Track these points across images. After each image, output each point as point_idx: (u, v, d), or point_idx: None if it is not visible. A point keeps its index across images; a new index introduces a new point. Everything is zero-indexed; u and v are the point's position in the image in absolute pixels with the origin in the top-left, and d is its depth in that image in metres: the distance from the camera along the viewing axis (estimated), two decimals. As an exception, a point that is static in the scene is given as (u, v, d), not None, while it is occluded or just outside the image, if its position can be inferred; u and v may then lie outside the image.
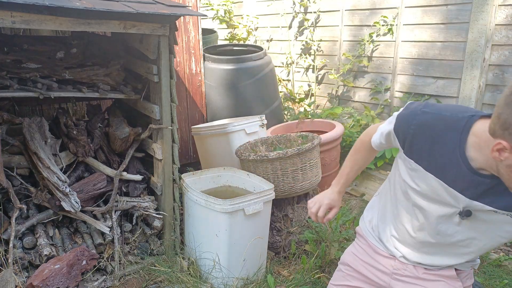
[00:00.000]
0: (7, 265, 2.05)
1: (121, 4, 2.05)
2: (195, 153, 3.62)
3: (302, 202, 2.79)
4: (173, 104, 2.42)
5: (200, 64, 3.60)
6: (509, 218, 1.10)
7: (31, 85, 2.27)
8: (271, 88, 3.84)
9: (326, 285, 2.34)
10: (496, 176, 1.06)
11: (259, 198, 2.29)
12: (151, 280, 2.32)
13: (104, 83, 2.49)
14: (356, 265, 1.48)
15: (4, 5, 1.73)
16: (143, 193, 2.61)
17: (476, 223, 1.17)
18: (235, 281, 2.31)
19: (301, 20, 4.84)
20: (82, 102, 3.12)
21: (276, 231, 2.70)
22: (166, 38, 2.27)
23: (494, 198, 1.09)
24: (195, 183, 2.56)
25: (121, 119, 2.63)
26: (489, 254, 2.65)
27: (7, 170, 2.27)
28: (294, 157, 2.49)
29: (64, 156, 2.47)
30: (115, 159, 2.64)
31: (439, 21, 3.66)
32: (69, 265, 2.10)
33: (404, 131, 1.19)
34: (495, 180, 1.06)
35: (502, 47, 3.33)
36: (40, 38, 2.58)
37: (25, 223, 2.24)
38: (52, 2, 1.80)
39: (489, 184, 1.08)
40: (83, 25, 1.98)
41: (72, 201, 2.22)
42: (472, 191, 1.11)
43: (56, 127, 2.59)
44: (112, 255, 2.34)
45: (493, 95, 3.44)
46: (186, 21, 3.41)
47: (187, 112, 3.61)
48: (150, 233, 2.52)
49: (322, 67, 4.77)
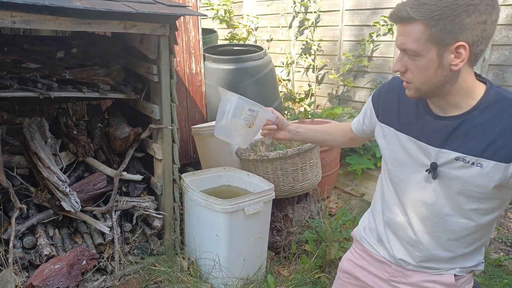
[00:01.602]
0: (7, 265, 2.05)
1: (121, 4, 2.05)
2: (195, 153, 3.62)
3: (302, 202, 2.79)
4: (173, 104, 2.42)
5: (200, 64, 3.60)
6: (479, 169, 1.04)
7: (31, 85, 2.27)
8: (271, 88, 3.84)
9: (326, 285, 2.34)
10: (455, 117, 1.06)
11: (259, 198, 2.29)
12: (151, 280, 2.32)
13: (104, 83, 2.49)
14: (354, 272, 1.45)
15: (4, 5, 1.73)
16: (143, 193, 2.62)
17: (449, 183, 1.12)
18: (235, 281, 2.31)
19: (302, 20, 4.84)
20: (82, 102, 3.12)
21: (276, 231, 2.70)
22: (166, 38, 2.27)
23: (460, 142, 1.06)
24: (195, 183, 2.55)
25: (121, 119, 2.63)
26: (489, 254, 2.65)
27: (7, 170, 2.27)
28: (294, 157, 2.49)
29: (64, 156, 2.47)
30: (115, 159, 2.64)
31: (439, 21, 3.65)
32: (69, 265, 2.10)
33: (378, 98, 1.26)
34: (455, 120, 1.06)
35: (502, 47, 3.33)
36: (40, 38, 2.58)
37: (25, 223, 2.24)
38: (52, 2, 1.80)
39: (451, 126, 1.07)
40: (83, 25, 1.98)
41: (72, 201, 2.22)
42: (437, 137, 1.10)
43: (56, 127, 2.59)
44: (112, 255, 2.34)
45: (493, 95, 3.44)
46: (186, 21, 3.41)
47: (187, 112, 3.61)
48: (150, 233, 2.52)
49: (322, 67, 4.77)
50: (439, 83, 1.02)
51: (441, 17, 0.93)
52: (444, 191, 1.13)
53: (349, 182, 3.76)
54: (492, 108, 1.03)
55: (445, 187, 1.12)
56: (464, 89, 1.04)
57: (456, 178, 1.09)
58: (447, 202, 1.14)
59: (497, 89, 1.06)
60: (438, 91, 1.05)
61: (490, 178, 1.04)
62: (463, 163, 1.06)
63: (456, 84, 1.03)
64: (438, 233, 1.19)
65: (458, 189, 1.10)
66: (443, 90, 1.04)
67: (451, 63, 0.98)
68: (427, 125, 1.12)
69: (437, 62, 0.99)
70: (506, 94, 1.05)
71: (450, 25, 0.93)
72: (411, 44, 0.99)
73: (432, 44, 0.97)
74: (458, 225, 1.16)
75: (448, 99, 1.06)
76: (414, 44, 0.99)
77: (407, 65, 1.04)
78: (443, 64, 0.99)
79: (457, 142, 1.07)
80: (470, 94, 1.05)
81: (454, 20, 0.93)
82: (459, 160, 1.07)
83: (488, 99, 1.04)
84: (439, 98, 1.07)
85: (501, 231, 2.96)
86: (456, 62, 0.98)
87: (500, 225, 3.05)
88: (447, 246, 1.20)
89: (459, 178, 1.09)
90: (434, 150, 1.11)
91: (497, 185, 1.05)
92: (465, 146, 1.06)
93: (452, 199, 1.13)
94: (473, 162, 1.05)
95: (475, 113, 1.04)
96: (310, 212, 2.81)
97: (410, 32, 0.98)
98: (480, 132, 1.04)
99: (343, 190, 3.68)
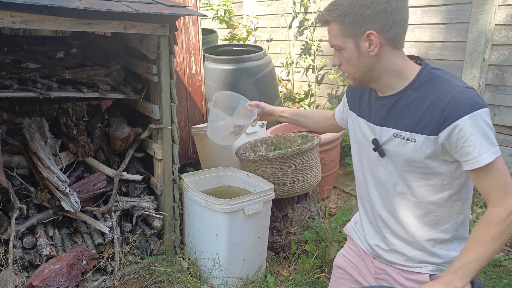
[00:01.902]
0: (7, 265, 2.05)
1: (121, 4, 2.05)
2: (195, 153, 3.62)
3: (302, 202, 2.79)
4: (173, 104, 2.42)
5: (200, 64, 3.60)
6: (413, 144, 1.13)
7: (31, 85, 2.27)
8: (271, 88, 3.84)
9: (326, 285, 2.34)
10: (391, 96, 1.18)
11: (259, 198, 2.29)
12: (151, 280, 2.32)
13: (104, 83, 2.49)
14: (347, 267, 1.47)
15: (4, 5, 1.73)
16: (143, 193, 2.62)
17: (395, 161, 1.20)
18: (235, 281, 2.32)
19: (301, 20, 4.84)
20: (82, 102, 3.12)
21: (276, 231, 2.70)
22: (166, 38, 2.27)
23: (397, 120, 1.17)
24: (195, 183, 2.56)
25: (121, 119, 2.63)
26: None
27: (7, 170, 2.27)
28: (294, 157, 2.49)
29: (64, 156, 2.47)
30: (115, 159, 2.64)
31: (439, 21, 3.66)
32: (69, 265, 2.10)
33: (349, 89, 1.43)
34: (392, 99, 1.18)
35: (502, 47, 3.33)
36: (40, 38, 2.58)
37: (25, 223, 2.24)
38: (52, 2, 1.80)
39: (388, 105, 1.19)
40: (83, 25, 1.98)
41: (72, 201, 2.22)
42: (380, 117, 1.22)
43: (56, 127, 2.59)
44: (112, 255, 2.34)
45: (493, 95, 3.44)
46: (186, 21, 3.42)
47: (187, 112, 3.61)
48: (150, 233, 2.52)
49: (322, 67, 4.77)
50: (365, 69, 1.16)
51: (346, 13, 1.10)
52: (393, 169, 1.22)
53: (349, 182, 3.76)
54: (424, 86, 1.13)
55: (393, 164, 1.21)
56: (393, 71, 1.16)
57: (398, 155, 1.18)
58: (398, 180, 1.22)
59: (431, 69, 1.15)
60: (369, 76, 1.18)
61: (424, 151, 1.13)
62: (400, 139, 1.17)
63: (383, 68, 1.16)
64: (398, 213, 1.25)
65: (402, 165, 1.19)
66: (373, 75, 1.18)
67: (367, 49, 1.12)
68: (373, 107, 1.25)
69: (356, 51, 1.14)
70: (438, 72, 1.14)
71: (355, 19, 1.10)
72: (334, 41, 1.16)
73: (347, 37, 1.13)
74: (412, 204, 1.22)
75: (382, 82, 1.19)
76: (335, 40, 1.16)
77: (339, 59, 1.20)
78: (362, 52, 1.13)
79: (394, 120, 1.18)
80: (401, 75, 1.16)
81: (357, 14, 1.09)
82: (397, 137, 1.17)
83: (420, 78, 1.14)
84: (374, 82, 1.20)
85: (501, 231, 2.96)
86: (371, 48, 1.12)
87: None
88: (409, 228, 1.25)
89: (400, 154, 1.18)
90: (377, 129, 1.23)
91: (430, 157, 1.13)
92: (400, 123, 1.16)
93: (401, 177, 1.21)
94: (408, 138, 1.15)
95: (409, 92, 1.15)
96: (310, 212, 2.81)
97: (331, 31, 1.16)
98: (413, 108, 1.14)
99: (343, 190, 3.68)
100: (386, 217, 1.29)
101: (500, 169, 1.06)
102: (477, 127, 1.04)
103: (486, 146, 1.04)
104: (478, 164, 1.05)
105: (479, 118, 1.04)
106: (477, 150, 1.04)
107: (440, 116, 1.07)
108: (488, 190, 1.08)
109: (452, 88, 1.08)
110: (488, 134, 1.05)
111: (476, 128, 1.04)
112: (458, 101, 1.06)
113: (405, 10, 1.11)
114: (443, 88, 1.09)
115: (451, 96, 1.07)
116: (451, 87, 1.08)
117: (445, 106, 1.07)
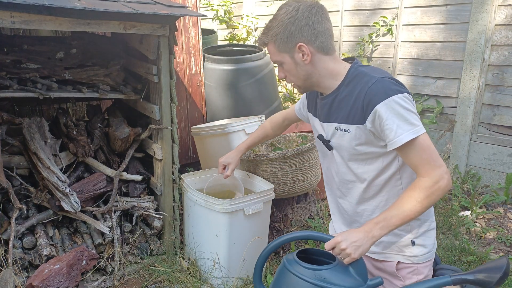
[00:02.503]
0: (7, 265, 2.05)
1: (121, 5, 2.05)
2: (195, 153, 3.62)
3: (302, 202, 2.80)
4: (173, 104, 2.42)
5: (200, 64, 3.60)
6: (349, 134, 1.28)
7: (31, 85, 2.27)
8: (270, 88, 3.84)
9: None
10: (330, 94, 1.34)
11: (258, 198, 2.29)
12: (151, 280, 2.33)
13: (104, 84, 2.50)
14: None
15: (4, 5, 1.73)
16: (143, 193, 2.62)
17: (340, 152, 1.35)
18: (235, 281, 2.32)
19: (301, 20, 4.84)
20: (82, 102, 3.12)
21: (276, 231, 2.70)
22: (166, 39, 2.28)
23: (336, 114, 1.32)
24: (195, 183, 2.56)
25: (121, 119, 2.63)
26: (489, 254, 2.65)
27: (7, 170, 2.27)
28: (294, 157, 2.49)
29: (64, 156, 2.47)
30: (115, 159, 2.64)
31: (439, 21, 3.66)
32: (69, 265, 2.10)
33: (307, 94, 1.57)
34: (330, 97, 1.34)
35: (502, 47, 3.33)
36: (39, 38, 2.58)
37: (25, 223, 2.24)
38: (52, 2, 1.80)
39: (328, 102, 1.35)
40: (83, 26, 1.98)
41: (72, 201, 2.22)
42: (325, 113, 1.37)
43: (56, 127, 2.59)
44: (112, 255, 2.34)
45: (492, 95, 3.44)
46: (186, 21, 3.42)
47: (187, 112, 3.61)
48: (150, 233, 2.52)
49: (322, 67, 4.77)
50: (305, 77, 1.33)
51: (277, 33, 1.28)
52: (340, 160, 1.37)
53: (349, 182, 3.75)
54: (353, 81, 1.28)
55: (339, 156, 1.36)
56: (327, 74, 1.32)
57: (340, 146, 1.33)
58: (346, 170, 1.36)
59: (358, 67, 1.31)
60: (309, 82, 1.34)
61: (358, 139, 1.27)
62: (340, 131, 1.32)
63: (319, 73, 1.32)
64: (352, 199, 1.39)
65: (346, 155, 1.34)
66: (313, 81, 1.34)
67: (301, 59, 1.29)
68: (319, 106, 1.41)
69: (293, 63, 1.31)
70: (363, 68, 1.30)
71: (284, 36, 1.27)
72: (274, 57, 1.34)
73: (283, 52, 1.30)
74: (362, 189, 1.35)
75: (322, 86, 1.35)
76: (274, 57, 1.33)
77: (283, 72, 1.36)
78: (298, 63, 1.30)
79: (334, 115, 1.33)
80: (335, 76, 1.32)
81: (285, 32, 1.26)
82: (338, 130, 1.32)
83: (349, 75, 1.30)
84: (316, 87, 1.36)
85: (500, 231, 2.97)
86: (304, 58, 1.28)
87: (500, 225, 3.06)
88: (363, 212, 1.39)
89: (341, 145, 1.33)
90: (324, 125, 1.39)
91: (365, 143, 1.27)
92: (339, 117, 1.31)
93: (347, 166, 1.35)
94: (345, 129, 1.30)
95: (342, 89, 1.31)
96: (309, 212, 2.81)
97: (270, 51, 1.34)
98: (345, 102, 1.29)
99: (342, 190, 3.68)
100: (344, 204, 1.44)
101: (423, 146, 1.18)
102: (393, 111, 1.17)
103: (403, 127, 1.17)
104: (396, 144, 1.18)
105: (393, 102, 1.18)
106: (393, 132, 1.18)
107: (362, 106, 1.23)
108: (416, 164, 1.20)
109: (369, 80, 1.23)
110: (405, 116, 1.18)
111: (391, 112, 1.17)
112: (373, 91, 1.21)
113: (326, 20, 1.28)
114: (364, 81, 1.24)
115: (367, 87, 1.22)
116: (369, 79, 1.23)
117: (364, 97, 1.22)
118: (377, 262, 1.39)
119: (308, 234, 1.26)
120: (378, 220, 1.18)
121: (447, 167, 3.76)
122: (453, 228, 3.01)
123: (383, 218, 1.18)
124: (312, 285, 1.06)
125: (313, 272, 1.08)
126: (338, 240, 1.15)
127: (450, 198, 3.45)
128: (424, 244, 1.34)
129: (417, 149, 1.17)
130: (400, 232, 1.33)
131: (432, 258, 1.37)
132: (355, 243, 1.14)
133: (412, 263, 1.33)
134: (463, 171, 3.68)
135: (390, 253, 1.36)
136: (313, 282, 1.06)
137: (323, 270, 1.09)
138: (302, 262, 1.12)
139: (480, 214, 3.18)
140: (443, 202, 3.34)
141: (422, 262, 1.33)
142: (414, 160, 1.19)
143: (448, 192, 3.55)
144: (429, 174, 1.16)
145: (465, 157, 3.65)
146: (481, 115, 3.54)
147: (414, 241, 1.34)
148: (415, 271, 1.33)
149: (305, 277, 1.08)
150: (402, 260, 1.34)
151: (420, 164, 1.18)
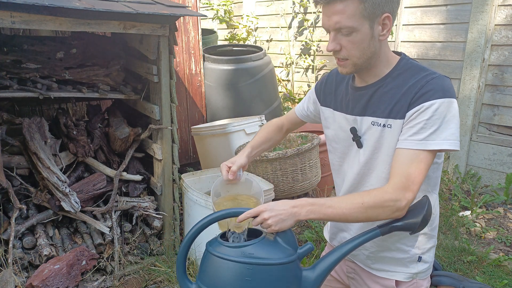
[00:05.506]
0: (7, 265, 2.05)
1: (121, 5, 2.05)
2: (195, 153, 3.62)
3: (302, 202, 2.79)
4: (173, 104, 2.42)
5: (200, 64, 3.60)
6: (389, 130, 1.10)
7: (31, 85, 2.27)
8: (270, 88, 3.84)
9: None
10: (370, 85, 1.15)
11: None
12: (151, 280, 2.33)
13: (104, 84, 2.50)
14: None
15: (4, 5, 1.73)
16: (143, 193, 2.62)
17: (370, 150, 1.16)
18: (235, 281, 2.31)
19: (301, 20, 4.85)
20: (82, 102, 3.12)
21: (275, 231, 2.70)
22: (166, 39, 2.27)
23: (375, 108, 1.13)
24: (195, 183, 2.56)
25: (121, 119, 2.63)
26: (489, 254, 2.65)
27: (7, 170, 2.27)
28: (294, 157, 2.49)
29: (64, 156, 2.47)
30: (115, 159, 2.64)
31: (439, 21, 3.66)
32: (69, 265, 2.10)
33: (320, 86, 1.37)
34: (371, 89, 1.14)
35: (502, 47, 3.33)
36: (40, 38, 2.58)
37: (25, 223, 2.24)
38: (52, 2, 1.80)
39: (367, 94, 1.15)
40: (83, 25, 1.98)
41: (72, 201, 2.22)
42: (358, 106, 1.17)
43: (56, 127, 2.59)
44: (112, 255, 2.34)
45: (492, 95, 3.44)
46: (185, 21, 3.42)
47: (187, 112, 3.61)
48: (150, 233, 2.52)
49: (322, 67, 4.78)
50: (371, 54, 1.09)
51: None
52: (368, 160, 1.17)
53: (349, 182, 3.75)
54: (403, 74, 1.11)
55: (369, 155, 1.16)
56: (385, 59, 1.13)
57: (375, 144, 1.14)
58: (370, 172, 1.18)
59: (409, 59, 1.14)
60: (368, 63, 1.11)
61: (398, 136, 1.09)
62: (377, 126, 1.12)
63: (379, 55, 1.11)
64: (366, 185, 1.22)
65: (378, 155, 1.14)
66: (371, 62, 1.11)
67: (379, 33, 1.06)
68: (351, 98, 1.20)
69: (370, 34, 1.05)
70: (416, 63, 1.13)
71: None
72: (346, 21, 1.03)
73: (365, 18, 1.03)
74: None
75: (372, 71, 1.14)
76: (350, 20, 1.03)
77: (341, 43, 1.08)
78: (374, 36, 1.06)
79: (372, 108, 1.14)
80: (388, 64, 1.13)
81: None
82: (374, 125, 1.13)
83: (399, 67, 1.12)
84: (366, 70, 1.14)
85: (500, 231, 2.97)
86: (383, 33, 1.07)
87: (500, 225, 3.06)
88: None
89: (377, 143, 1.13)
90: (357, 119, 1.18)
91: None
92: (378, 110, 1.13)
93: (374, 168, 1.17)
94: (384, 124, 1.11)
95: (388, 81, 1.12)
96: (309, 212, 2.81)
97: (345, 10, 1.02)
98: (390, 95, 1.11)
99: (342, 190, 3.68)
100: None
101: (420, 162, 1.04)
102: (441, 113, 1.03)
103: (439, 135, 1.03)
104: (423, 146, 1.03)
105: (450, 104, 1.03)
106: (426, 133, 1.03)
107: (412, 98, 1.06)
108: (395, 171, 1.05)
109: (429, 75, 1.07)
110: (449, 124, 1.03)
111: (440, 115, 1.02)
112: (432, 86, 1.04)
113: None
114: (421, 75, 1.08)
115: (426, 80, 1.06)
116: (428, 74, 1.08)
117: (418, 89, 1.05)
118: (378, 278, 1.28)
119: (227, 212, 1.12)
120: (313, 202, 1.05)
121: (448, 167, 3.77)
122: (453, 228, 3.01)
123: (320, 204, 1.05)
124: (239, 264, 0.99)
125: (238, 250, 1.01)
126: (262, 209, 1.05)
127: (450, 198, 3.45)
128: (428, 260, 1.26)
129: (413, 159, 1.04)
130: (408, 248, 1.22)
131: (430, 271, 1.30)
132: (280, 215, 1.03)
133: (413, 278, 1.25)
134: (463, 171, 3.68)
135: (394, 270, 1.25)
136: (240, 260, 0.99)
137: (248, 246, 1.01)
138: (224, 242, 1.05)
139: (480, 214, 3.18)
140: (443, 202, 3.34)
141: (424, 278, 1.27)
142: (397, 166, 1.05)
143: (448, 192, 3.55)
144: (396, 189, 1.03)
145: (465, 157, 3.65)
146: (481, 115, 3.54)
147: (422, 257, 1.23)
148: (414, 284, 1.26)
149: (230, 257, 1.00)
150: (404, 279, 1.24)
151: (399, 175, 1.04)
